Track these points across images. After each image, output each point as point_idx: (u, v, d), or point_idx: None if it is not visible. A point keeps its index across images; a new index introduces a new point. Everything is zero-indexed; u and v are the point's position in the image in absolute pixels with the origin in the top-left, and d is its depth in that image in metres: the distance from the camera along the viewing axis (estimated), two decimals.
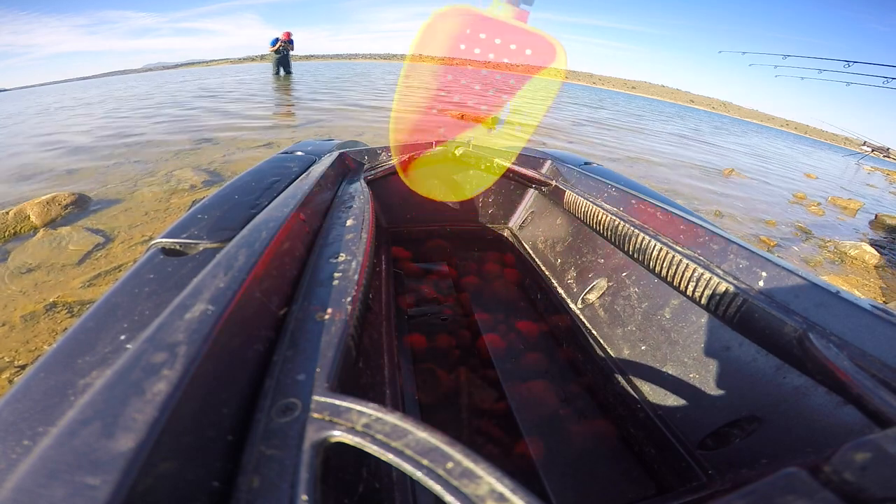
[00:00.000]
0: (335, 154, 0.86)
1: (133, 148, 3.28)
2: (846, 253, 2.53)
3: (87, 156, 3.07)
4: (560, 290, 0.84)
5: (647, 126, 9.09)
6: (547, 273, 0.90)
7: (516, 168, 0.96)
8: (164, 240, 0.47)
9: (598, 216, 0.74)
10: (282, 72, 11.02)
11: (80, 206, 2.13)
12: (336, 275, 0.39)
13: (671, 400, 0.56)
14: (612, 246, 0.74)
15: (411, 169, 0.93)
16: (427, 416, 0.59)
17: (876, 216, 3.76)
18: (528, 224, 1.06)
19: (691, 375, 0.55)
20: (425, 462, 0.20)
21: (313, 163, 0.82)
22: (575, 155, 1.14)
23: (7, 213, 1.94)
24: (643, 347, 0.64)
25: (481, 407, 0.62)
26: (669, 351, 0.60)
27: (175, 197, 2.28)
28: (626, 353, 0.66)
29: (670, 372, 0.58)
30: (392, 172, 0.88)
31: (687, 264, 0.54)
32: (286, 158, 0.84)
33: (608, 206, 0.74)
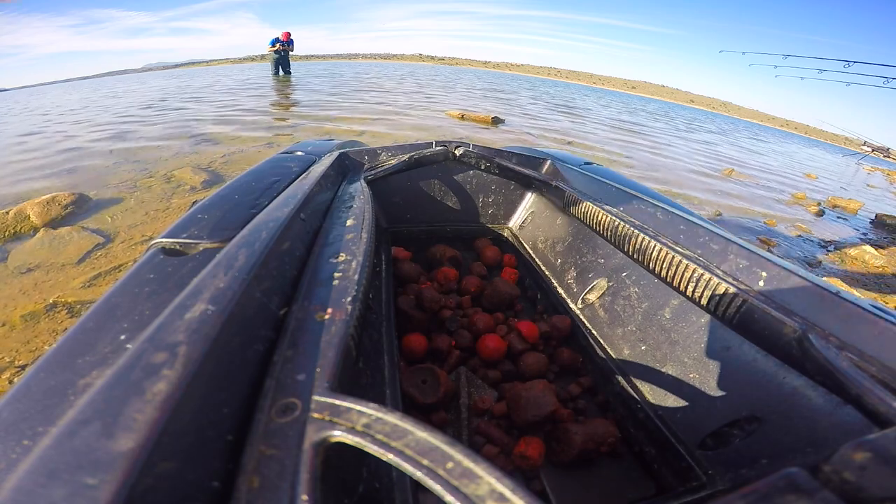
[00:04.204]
0: (335, 154, 0.86)
1: None
2: (846, 253, 2.53)
3: None
4: (560, 290, 0.84)
5: None
6: (547, 273, 0.90)
7: (516, 168, 0.96)
8: (164, 240, 0.47)
9: (598, 216, 0.74)
10: (281, 72, 11.03)
11: (80, 205, 2.13)
12: (336, 275, 0.39)
13: (671, 400, 0.56)
14: (612, 246, 0.74)
15: (411, 168, 0.93)
16: (427, 416, 0.59)
17: (876, 216, 3.75)
18: (528, 224, 1.06)
19: (691, 375, 0.55)
20: (425, 462, 0.20)
21: (313, 163, 0.82)
22: (575, 155, 1.14)
23: (7, 213, 1.94)
24: (643, 347, 0.64)
25: (481, 407, 0.62)
26: (669, 351, 0.60)
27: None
28: (626, 353, 0.66)
29: (670, 372, 0.58)
30: (392, 172, 0.88)
31: (687, 265, 0.54)
32: (286, 158, 0.84)
33: (608, 206, 0.74)
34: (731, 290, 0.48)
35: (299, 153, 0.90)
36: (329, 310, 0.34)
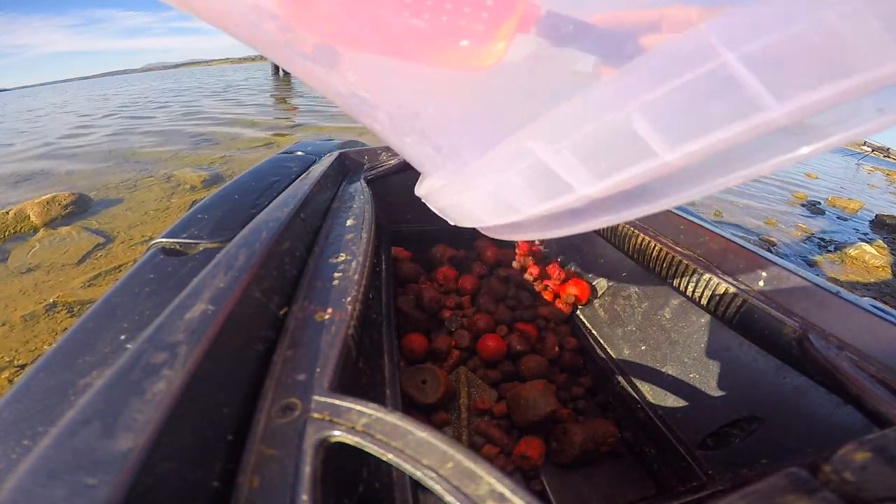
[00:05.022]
0: (335, 154, 0.86)
1: None
2: (846, 253, 2.53)
3: None
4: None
5: None
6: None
7: None
8: (164, 240, 0.47)
9: None
10: (281, 72, 11.01)
11: (81, 205, 2.13)
12: (336, 275, 0.39)
13: (671, 400, 0.56)
14: (612, 246, 0.74)
15: (412, 168, 0.93)
16: (427, 416, 0.59)
17: (876, 216, 3.75)
18: None
19: (691, 375, 0.55)
20: (425, 462, 0.20)
21: (313, 163, 0.82)
22: None
23: (7, 213, 1.94)
24: (643, 347, 0.64)
25: (481, 407, 0.62)
26: (669, 351, 0.60)
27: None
28: (626, 353, 0.66)
29: (670, 372, 0.58)
30: (392, 172, 0.88)
31: (687, 264, 0.54)
32: (286, 158, 0.84)
33: None
34: (731, 290, 0.48)
35: (299, 153, 0.90)
36: (329, 310, 0.34)
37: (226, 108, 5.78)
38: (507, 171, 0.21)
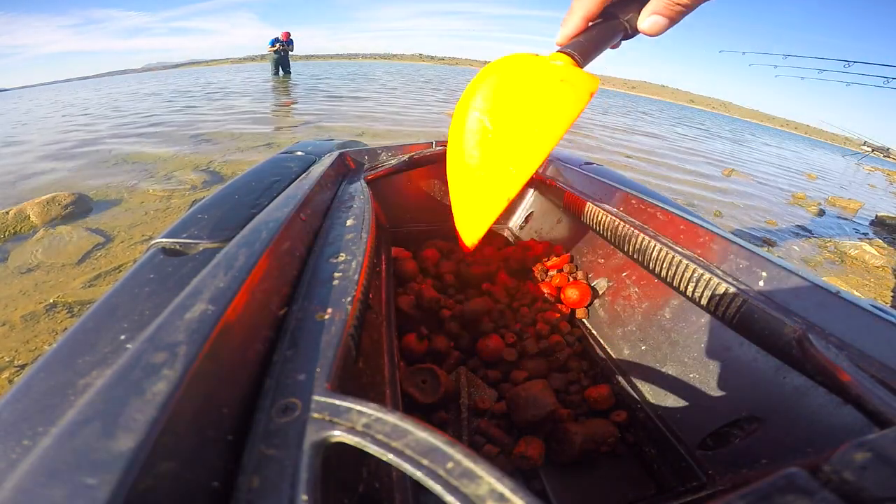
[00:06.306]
0: (335, 154, 0.86)
1: None
2: (846, 253, 2.53)
3: None
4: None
5: None
6: None
7: None
8: (164, 239, 0.47)
9: (597, 216, 0.74)
10: (281, 72, 11.01)
11: (80, 205, 2.13)
12: (336, 275, 0.39)
13: (671, 400, 0.56)
14: (612, 246, 0.74)
15: (411, 168, 0.93)
16: (427, 416, 0.59)
17: (876, 216, 3.75)
18: (528, 224, 1.06)
19: (691, 375, 0.55)
20: (425, 462, 0.20)
21: (313, 163, 0.82)
22: (575, 155, 1.14)
23: (7, 212, 1.94)
24: (643, 347, 0.64)
25: (481, 407, 0.62)
26: (669, 351, 0.60)
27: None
28: (626, 353, 0.66)
29: (670, 372, 0.58)
30: (392, 172, 0.88)
31: (687, 265, 0.54)
32: (286, 158, 0.84)
33: (608, 207, 0.74)
34: (731, 290, 0.48)
35: (299, 153, 0.90)
36: (329, 310, 0.34)
37: (226, 108, 5.78)
38: None
